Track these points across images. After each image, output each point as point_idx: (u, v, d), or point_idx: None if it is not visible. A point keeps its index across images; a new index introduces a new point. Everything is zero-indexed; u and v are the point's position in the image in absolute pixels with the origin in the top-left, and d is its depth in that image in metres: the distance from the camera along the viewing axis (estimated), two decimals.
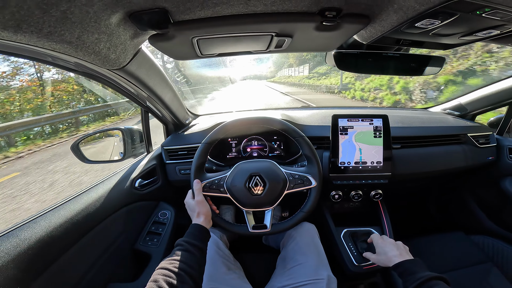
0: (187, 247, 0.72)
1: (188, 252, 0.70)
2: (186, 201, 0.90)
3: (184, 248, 0.71)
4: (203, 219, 0.83)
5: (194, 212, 0.85)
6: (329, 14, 0.62)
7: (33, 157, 6.11)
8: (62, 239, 0.76)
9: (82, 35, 0.54)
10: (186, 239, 0.75)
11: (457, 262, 1.16)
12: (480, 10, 0.52)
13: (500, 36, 0.68)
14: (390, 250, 0.86)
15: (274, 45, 0.78)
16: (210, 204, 0.92)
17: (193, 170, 0.93)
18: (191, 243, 0.73)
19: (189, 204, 0.88)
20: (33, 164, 5.48)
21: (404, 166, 1.26)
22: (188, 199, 0.90)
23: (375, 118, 1.16)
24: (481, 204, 1.54)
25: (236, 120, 0.99)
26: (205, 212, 0.85)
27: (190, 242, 0.73)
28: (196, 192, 0.89)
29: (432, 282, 0.67)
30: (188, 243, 0.73)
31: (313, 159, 0.97)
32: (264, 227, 0.94)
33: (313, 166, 0.97)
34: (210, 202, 0.94)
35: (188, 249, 0.71)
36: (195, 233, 0.78)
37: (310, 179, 0.95)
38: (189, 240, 0.74)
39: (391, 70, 0.95)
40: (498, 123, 1.51)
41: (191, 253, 0.70)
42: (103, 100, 11.04)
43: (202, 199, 0.88)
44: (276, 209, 1.62)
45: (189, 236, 0.76)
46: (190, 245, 0.72)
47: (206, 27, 0.64)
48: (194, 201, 0.87)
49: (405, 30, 0.66)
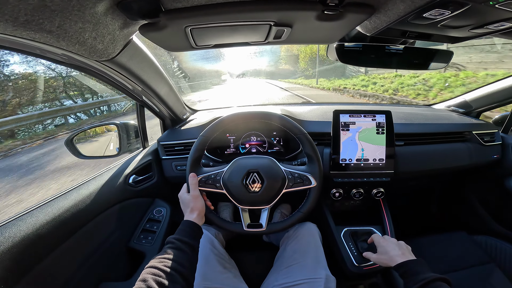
0: (178, 244, 0.69)
1: (179, 249, 0.68)
2: (180, 195, 0.87)
3: (175, 246, 0.69)
4: (196, 215, 0.80)
5: (187, 207, 0.83)
6: (331, 2, 0.58)
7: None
8: (50, 238, 0.74)
9: (63, 24, 0.50)
10: (177, 236, 0.72)
11: (460, 262, 1.14)
12: (494, 1, 0.49)
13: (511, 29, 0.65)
14: (392, 250, 0.84)
15: (273, 35, 0.74)
16: (205, 200, 0.89)
17: (189, 164, 0.90)
18: (182, 241, 0.71)
19: (183, 198, 0.85)
20: None
21: (407, 163, 1.23)
22: (183, 193, 0.87)
23: (378, 114, 1.13)
24: (484, 204, 1.52)
25: (235, 114, 0.96)
26: (199, 207, 0.82)
27: (181, 239, 0.71)
28: (192, 187, 0.86)
29: (436, 284, 0.65)
30: (179, 241, 0.70)
31: (314, 157, 0.94)
32: (260, 226, 0.91)
33: (314, 165, 0.94)
34: (205, 197, 0.91)
35: (179, 247, 0.69)
36: (186, 230, 0.75)
37: (310, 178, 0.92)
38: (180, 238, 0.72)
39: (395, 64, 0.91)
40: (504, 121, 1.48)
41: (182, 250, 0.68)
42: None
43: (197, 194, 0.85)
44: (284, 208, 1.60)
45: (180, 233, 0.74)
46: (181, 242, 0.70)
47: (200, 15, 0.60)
48: (189, 196, 0.84)
49: (412, 21, 0.62)
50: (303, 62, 17.59)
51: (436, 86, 6.60)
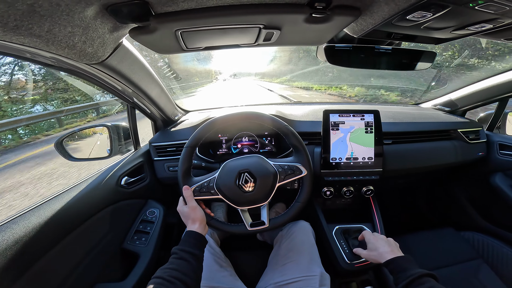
0: (182, 255, 0.70)
1: (183, 260, 0.69)
2: (179, 209, 0.87)
3: (179, 256, 0.70)
4: (197, 225, 0.80)
5: (188, 219, 0.83)
6: (318, 5, 0.59)
7: None
8: (43, 240, 0.74)
9: (53, 28, 0.50)
10: (181, 247, 0.73)
11: (448, 258, 1.17)
12: (473, 3, 0.50)
13: (493, 30, 0.67)
14: (381, 246, 0.86)
15: (263, 38, 0.75)
16: (204, 208, 0.89)
17: (180, 177, 0.90)
18: (186, 251, 0.72)
19: (182, 211, 0.85)
20: None
21: (395, 162, 1.25)
22: (181, 206, 0.86)
23: (367, 114, 1.15)
24: (471, 200, 1.56)
25: (219, 118, 0.95)
26: (199, 217, 0.82)
27: (185, 250, 0.72)
28: (188, 199, 0.86)
29: (423, 279, 0.68)
30: (183, 251, 0.72)
31: (300, 147, 0.95)
32: (262, 223, 0.92)
33: (301, 155, 0.95)
34: (204, 206, 0.90)
35: (183, 257, 0.70)
36: (190, 240, 0.76)
37: (300, 168, 0.93)
38: (184, 248, 0.73)
39: (383, 64, 0.93)
40: (488, 119, 1.52)
41: (186, 261, 0.69)
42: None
43: (195, 205, 0.84)
44: (279, 207, 1.61)
45: (184, 244, 0.75)
46: (185, 252, 0.71)
47: (190, 19, 0.61)
48: (187, 208, 0.84)
49: (397, 23, 0.64)
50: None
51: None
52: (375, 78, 7.68)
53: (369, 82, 7.94)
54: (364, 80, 8.17)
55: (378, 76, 7.43)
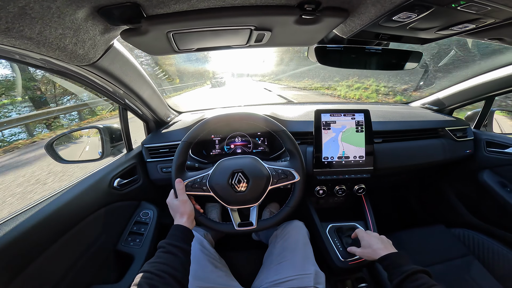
0: (169, 248, 0.70)
1: (170, 254, 0.69)
2: (169, 201, 0.87)
3: (166, 250, 0.70)
4: (185, 219, 0.81)
5: (177, 212, 0.83)
6: (308, 7, 0.61)
7: None
8: (35, 243, 0.73)
9: (44, 30, 0.50)
10: (168, 240, 0.73)
11: (439, 255, 1.19)
12: (455, 3, 0.52)
13: (476, 30, 0.69)
14: (375, 243, 0.88)
15: (254, 39, 0.76)
16: (194, 204, 0.90)
17: (174, 170, 0.91)
18: (173, 245, 0.71)
19: (172, 204, 0.86)
20: None
21: (385, 160, 1.27)
22: (171, 199, 0.87)
23: (357, 113, 1.17)
24: (460, 197, 1.59)
25: (216, 117, 0.96)
26: (188, 212, 0.83)
27: (173, 243, 0.72)
28: (179, 192, 0.86)
29: (418, 275, 0.69)
30: (170, 245, 0.71)
31: (296, 153, 0.96)
32: (250, 224, 0.93)
33: (296, 160, 0.97)
34: (194, 201, 0.91)
35: (171, 251, 0.69)
36: (177, 234, 0.76)
37: (294, 173, 0.94)
38: (171, 242, 0.72)
39: (372, 65, 0.95)
40: (475, 117, 1.55)
41: (174, 254, 0.69)
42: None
43: (185, 199, 0.85)
44: (273, 206, 1.62)
45: (171, 238, 0.74)
46: (172, 246, 0.71)
47: (181, 21, 0.61)
48: (177, 201, 0.84)
49: (383, 23, 0.66)
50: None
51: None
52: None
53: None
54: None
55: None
